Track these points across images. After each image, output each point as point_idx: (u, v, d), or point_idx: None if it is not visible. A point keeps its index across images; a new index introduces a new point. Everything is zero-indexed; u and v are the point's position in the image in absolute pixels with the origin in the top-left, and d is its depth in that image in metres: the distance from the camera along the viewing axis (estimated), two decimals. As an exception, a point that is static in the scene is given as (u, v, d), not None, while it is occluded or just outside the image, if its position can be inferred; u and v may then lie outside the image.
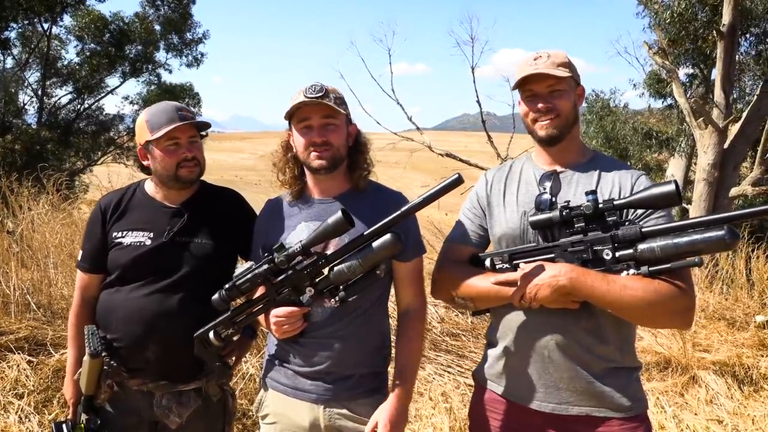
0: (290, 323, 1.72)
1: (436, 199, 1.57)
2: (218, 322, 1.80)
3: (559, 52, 1.71)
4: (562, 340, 1.61)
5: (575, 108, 1.72)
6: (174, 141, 1.93)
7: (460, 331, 4.78)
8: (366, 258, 1.61)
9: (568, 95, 1.69)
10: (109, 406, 1.99)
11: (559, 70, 1.67)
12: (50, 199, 5.61)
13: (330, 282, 1.67)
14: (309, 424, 1.79)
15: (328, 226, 1.62)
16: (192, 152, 1.95)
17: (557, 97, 1.68)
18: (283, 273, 1.70)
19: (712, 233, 1.40)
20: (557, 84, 1.68)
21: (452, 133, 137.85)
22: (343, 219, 1.59)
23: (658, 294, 1.49)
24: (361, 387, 1.79)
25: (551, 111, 1.68)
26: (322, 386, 1.78)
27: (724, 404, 3.92)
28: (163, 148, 1.93)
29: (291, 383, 1.82)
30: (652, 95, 14.49)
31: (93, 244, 2.03)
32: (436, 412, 3.58)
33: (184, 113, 1.94)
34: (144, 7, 19.34)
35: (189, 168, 1.95)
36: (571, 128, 1.72)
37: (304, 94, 1.75)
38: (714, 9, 10.83)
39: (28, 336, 3.69)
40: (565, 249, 1.58)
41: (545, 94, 1.69)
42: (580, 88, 1.75)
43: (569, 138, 1.72)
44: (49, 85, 18.93)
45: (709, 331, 4.87)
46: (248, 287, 1.74)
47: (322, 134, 1.76)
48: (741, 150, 9.65)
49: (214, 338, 1.81)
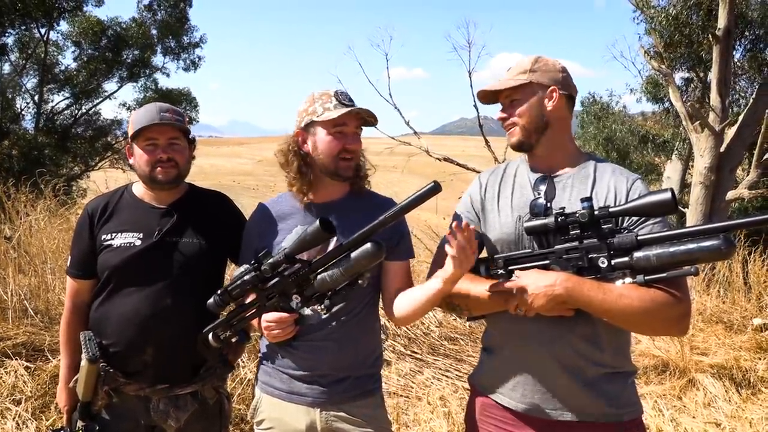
0: (281, 328, 1.73)
1: (413, 208, 1.56)
2: (216, 325, 1.84)
3: (527, 58, 1.72)
4: (558, 347, 1.61)
5: (542, 111, 1.68)
6: (152, 141, 1.93)
7: (458, 335, 4.79)
8: (347, 267, 1.61)
9: (526, 102, 1.68)
10: (106, 413, 1.98)
11: (514, 79, 1.68)
12: (48, 205, 5.59)
13: (315, 290, 1.68)
14: (306, 427, 1.79)
15: (307, 235, 1.62)
16: (168, 154, 1.93)
17: (514, 106, 1.70)
18: (270, 280, 1.71)
19: (709, 242, 1.40)
20: (513, 94, 1.70)
21: (450, 137, 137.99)
22: (320, 229, 1.58)
23: (654, 303, 1.49)
24: (357, 389, 1.80)
25: (508, 120, 1.72)
26: (317, 389, 1.79)
27: (721, 407, 3.92)
28: (142, 147, 1.94)
29: (286, 387, 1.82)
30: (648, 99, 14.54)
31: (82, 249, 2.02)
32: (434, 416, 3.57)
33: (167, 114, 1.93)
34: (141, 12, 19.40)
35: (165, 169, 1.93)
36: (541, 134, 1.69)
37: (340, 101, 1.77)
38: (708, 13, 10.90)
39: (26, 342, 3.69)
40: (561, 256, 1.58)
41: (507, 104, 1.73)
42: (552, 89, 1.68)
43: (547, 142, 1.70)
44: (46, 91, 18.93)
45: (707, 334, 4.88)
46: (239, 293, 1.76)
47: (354, 141, 1.79)
48: (737, 153, 9.67)
49: (213, 340, 1.84)
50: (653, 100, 14.49)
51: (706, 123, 9.19)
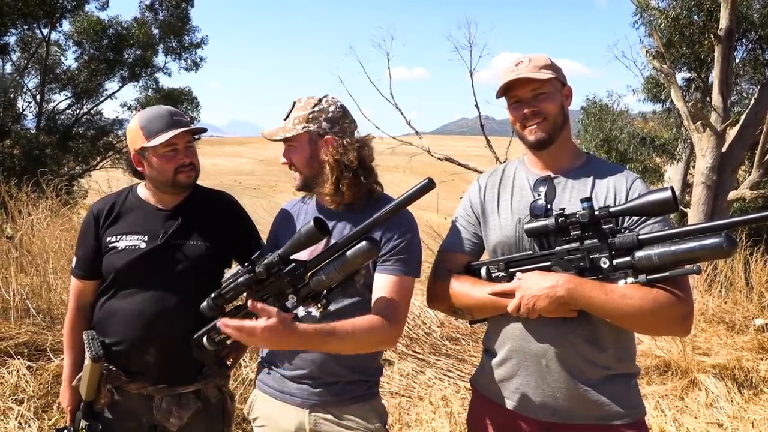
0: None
1: (407, 205, 1.56)
2: (210, 328, 1.81)
3: (541, 55, 1.70)
4: (560, 349, 1.61)
5: (563, 109, 1.70)
6: (172, 147, 1.92)
7: (460, 335, 4.79)
8: (342, 265, 1.60)
9: (553, 97, 1.67)
10: (109, 412, 1.98)
11: (542, 73, 1.66)
12: (49, 204, 5.60)
13: (311, 289, 1.66)
14: (295, 428, 1.78)
15: (301, 235, 1.60)
16: (189, 158, 1.95)
17: (543, 100, 1.66)
18: (265, 281, 1.69)
19: (710, 240, 1.39)
20: (541, 87, 1.66)
21: (451, 137, 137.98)
22: (314, 229, 1.57)
23: (657, 303, 1.48)
24: (348, 393, 1.77)
25: (537, 114, 1.66)
26: (307, 390, 1.78)
27: (723, 408, 3.92)
28: (161, 155, 1.93)
29: (278, 386, 1.83)
30: (649, 99, 14.52)
31: (87, 250, 2.02)
32: (436, 416, 3.58)
33: (179, 118, 1.94)
34: (143, 11, 19.41)
35: (186, 173, 1.95)
36: (561, 130, 1.69)
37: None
38: (709, 14, 10.89)
39: (28, 341, 3.69)
40: (562, 257, 1.57)
41: (530, 98, 1.67)
42: (567, 88, 1.72)
43: (560, 141, 1.70)
44: (47, 90, 18.95)
45: (709, 334, 4.87)
46: (233, 296, 1.74)
47: None
48: (739, 153, 9.68)
49: (207, 343, 1.82)
50: (654, 100, 14.47)
51: (708, 123, 9.19)
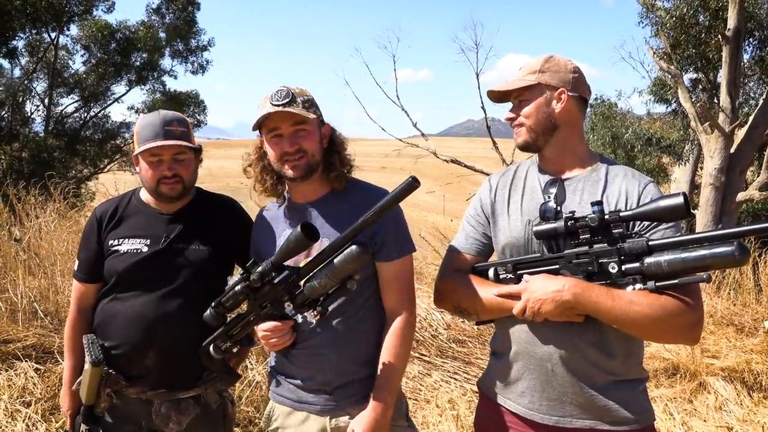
0: (277, 337, 1.72)
1: (392, 206, 1.55)
2: (215, 337, 1.82)
3: (539, 58, 1.69)
4: (566, 354, 1.59)
5: (550, 112, 1.66)
6: (157, 157, 1.91)
7: (467, 338, 4.77)
8: (333, 273, 1.59)
9: (533, 103, 1.67)
10: (108, 416, 1.98)
11: (523, 80, 1.67)
12: (57, 207, 5.64)
13: (306, 296, 1.66)
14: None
15: (290, 242, 1.60)
16: (173, 170, 1.92)
17: (523, 107, 1.68)
18: (260, 289, 1.69)
19: (722, 249, 1.36)
20: (521, 94, 1.68)
21: (457, 139, 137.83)
22: (302, 235, 1.56)
23: (665, 310, 1.46)
24: (363, 392, 1.76)
25: (515, 121, 1.70)
26: (323, 397, 1.78)
27: (733, 411, 3.89)
28: (147, 162, 1.93)
29: (295, 397, 1.83)
30: (656, 101, 14.46)
31: (89, 254, 2.02)
32: (443, 419, 3.56)
33: (171, 129, 1.91)
34: (150, 15, 19.52)
35: (169, 185, 1.93)
36: (551, 134, 1.67)
37: (270, 102, 1.72)
38: (715, 14, 10.83)
39: (36, 344, 3.71)
40: (570, 261, 1.55)
41: (516, 104, 1.71)
42: (561, 90, 1.65)
43: (555, 144, 1.68)
44: (55, 94, 19.08)
45: (718, 337, 4.84)
46: (232, 304, 1.75)
47: (293, 142, 1.73)
48: (747, 154, 9.61)
49: (214, 352, 1.83)
50: (660, 102, 14.42)
51: (716, 124, 9.14)
